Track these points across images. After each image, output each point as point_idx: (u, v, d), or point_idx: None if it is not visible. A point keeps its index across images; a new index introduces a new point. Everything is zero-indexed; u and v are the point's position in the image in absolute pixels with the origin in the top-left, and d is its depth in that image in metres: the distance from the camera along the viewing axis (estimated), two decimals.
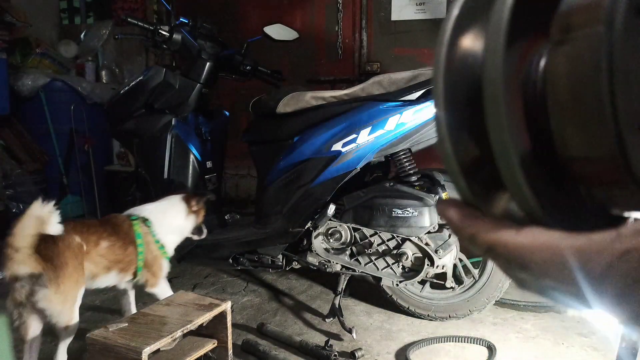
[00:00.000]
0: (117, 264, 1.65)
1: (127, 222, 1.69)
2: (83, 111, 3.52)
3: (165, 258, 1.77)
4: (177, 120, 2.18)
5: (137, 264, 1.70)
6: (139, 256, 1.69)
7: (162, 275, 1.78)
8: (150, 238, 1.72)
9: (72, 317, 1.50)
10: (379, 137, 1.83)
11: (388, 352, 1.83)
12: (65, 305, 1.46)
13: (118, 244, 1.64)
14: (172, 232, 1.80)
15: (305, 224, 1.98)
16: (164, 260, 1.77)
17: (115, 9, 4.12)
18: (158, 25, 2.17)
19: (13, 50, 3.55)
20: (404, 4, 3.29)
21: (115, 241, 1.63)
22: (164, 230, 1.76)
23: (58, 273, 1.41)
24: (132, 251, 1.67)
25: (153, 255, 1.73)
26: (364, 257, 1.95)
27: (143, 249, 1.69)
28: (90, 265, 1.57)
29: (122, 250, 1.64)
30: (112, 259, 1.63)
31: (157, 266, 1.74)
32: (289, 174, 1.98)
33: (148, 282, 1.75)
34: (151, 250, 1.72)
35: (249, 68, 2.36)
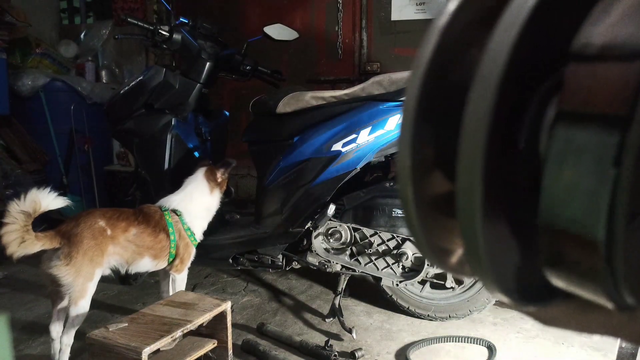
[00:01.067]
0: (149, 250, 1.73)
1: (159, 212, 1.78)
2: (83, 111, 3.52)
3: (194, 245, 1.84)
4: (177, 120, 2.18)
5: (169, 251, 1.78)
6: (171, 244, 1.77)
7: (189, 262, 1.85)
8: (181, 226, 1.80)
9: (83, 294, 1.58)
10: (379, 137, 1.83)
11: (388, 352, 1.83)
12: (77, 279, 1.55)
13: (148, 232, 1.72)
14: (201, 216, 1.88)
15: (305, 224, 1.98)
16: (193, 247, 1.84)
17: (115, 9, 4.12)
18: (158, 25, 2.17)
19: (13, 50, 3.56)
20: (404, 4, 3.29)
21: (145, 229, 1.72)
22: (193, 216, 1.84)
23: (72, 248, 1.55)
24: (164, 239, 1.75)
25: (184, 243, 1.81)
26: (364, 257, 1.95)
27: (174, 237, 1.77)
28: (118, 249, 1.66)
29: (153, 237, 1.73)
30: (142, 245, 1.71)
31: (187, 253, 1.82)
32: (289, 174, 1.98)
33: (175, 268, 1.82)
34: (182, 238, 1.80)
35: (249, 68, 2.36)
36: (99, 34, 3.92)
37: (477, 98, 0.21)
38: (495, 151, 0.21)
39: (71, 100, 3.51)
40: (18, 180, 3.27)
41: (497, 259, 0.22)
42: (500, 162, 0.22)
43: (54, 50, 3.84)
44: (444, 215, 0.23)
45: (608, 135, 0.19)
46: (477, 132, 0.21)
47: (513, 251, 0.23)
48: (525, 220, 0.22)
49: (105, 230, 1.63)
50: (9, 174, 3.24)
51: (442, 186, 0.24)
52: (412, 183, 0.23)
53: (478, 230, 0.21)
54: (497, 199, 0.22)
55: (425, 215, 0.24)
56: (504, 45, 0.20)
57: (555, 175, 0.20)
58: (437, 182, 0.24)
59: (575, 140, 0.20)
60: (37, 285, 2.45)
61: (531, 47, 0.21)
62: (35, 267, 2.70)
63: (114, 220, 1.67)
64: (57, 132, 3.57)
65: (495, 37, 0.21)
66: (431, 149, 0.24)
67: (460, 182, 0.21)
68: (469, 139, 0.21)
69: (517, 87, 0.22)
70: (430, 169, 0.24)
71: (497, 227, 0.22)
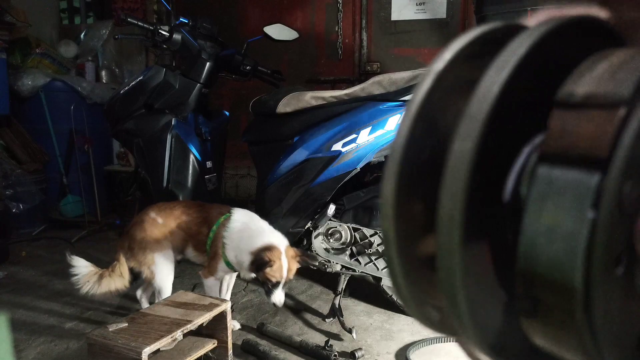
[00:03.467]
0: (191, 238, 1.80)
1: (218, 211, 1.80)
2: (83, 111, 3.52)
3: (223, 260, 1.74)
4: (177, 120, 2.18)
5: (206, 248, 1.79)
6: (208, 240, 1.78)
7: (215, 272, 1.78)
8: (222, 234, 1.74)
9: (152, 276, 1.78)
10: (379, 137, 1.83)
11: (388, 352, 1.83)
12: (142, 267, 1.78)
13: (195, 221, 1.79)
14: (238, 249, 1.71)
15: (305, 224, 1.98)
16: (222, 262, 1.75)
17: (115, 9, 4.13)
18: (158, 25, 2.17)
19: (13, 50, 3.56)
20: (404, 4, 3.29)
21: (195, 218, 1.80)
22: (234, 241, 1.72)
23: (130, 246, 1.80)
24: (205, 233, 1.78)
25: (215, 250, 1.77)
26: (364, 257, 1.95)
27: (212, 236, 1.76)
28: (170, 235, 1.78)
29: (197, 227, 1.79)
30: (188, 233, 1.79)
31: (215, 262, 1.77)
32: (289, 174, 1.98)
33: (204, 269, 1.82)
34: (216, 244, 1.76)
35: (249, 68, 2.36)
36: (99, 34, 3.92)
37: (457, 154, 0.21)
38: (477, 207, 0.21)
39: (71, 100, 3.51)
40: (18, 180, 3.27)
41: (480, 316, 0.22)
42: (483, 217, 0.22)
43: (54, 50, 3.84)
44: (430, 270, 0.23)
45: (588, 178, 0.19)
46: (456, 188, 0.21)
47: (497, 308, 0.23)
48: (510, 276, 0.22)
49: (156, 220, 1.79)
50: (9, 174, 3.24)
51: (426, 241, 0.24)
52: (396, 238, 0.23)
53: (458, 286, 0.21)
54: (480, 255, 0.22)
55: (410, 271, 0.23)
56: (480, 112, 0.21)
57: (535, 217, 0.20)
58: (422, 236, 0.24)
59: (556, 182, 0.20)
60: (37, 285, 2.45)
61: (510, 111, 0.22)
62: (35, 267, 2.70)
63: (168, 210, 1.81)
64: (57, 132, 3.56)
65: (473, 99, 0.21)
66: (416, 203, 0.24)
67: (440, 239, 0.21)
68: (448, 194, 0.21)
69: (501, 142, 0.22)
70: (416, 222, 0.24)
71: (480, 283, 0.22)
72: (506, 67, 0.21)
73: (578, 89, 0.21)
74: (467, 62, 0.24)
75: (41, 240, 3.23)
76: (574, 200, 0.19)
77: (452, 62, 0.24)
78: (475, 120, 0.21)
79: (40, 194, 3.41)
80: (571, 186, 0.20)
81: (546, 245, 0.20)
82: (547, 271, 0.20)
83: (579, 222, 0.19)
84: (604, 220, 0.19)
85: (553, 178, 0.20)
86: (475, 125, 0.21)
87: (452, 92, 0.24)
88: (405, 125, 0.23)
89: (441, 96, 0.24)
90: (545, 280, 0.20)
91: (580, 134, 0.20)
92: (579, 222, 0.19)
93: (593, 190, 0.19)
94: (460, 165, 0.21)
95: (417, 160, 0.23)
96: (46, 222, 3.50)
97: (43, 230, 3.42)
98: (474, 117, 0.21)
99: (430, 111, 0.23)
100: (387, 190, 0.23)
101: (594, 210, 0.19)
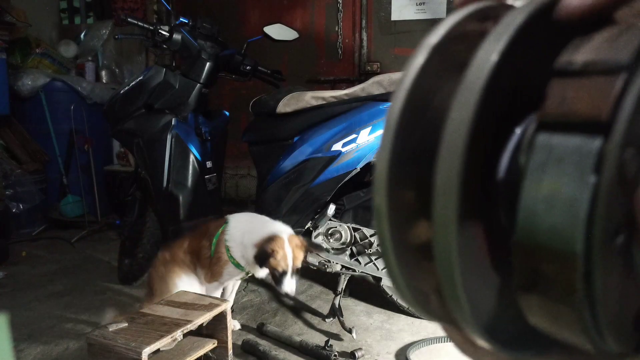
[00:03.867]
0: (195, 255, 1.80)
1: (216, 223, 1.80)
2: (83, 111, 3.52)
3: (232, 263, 1.72)
4: (177, 120, 2.18)
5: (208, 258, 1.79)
6: (210, 253, 1.78)
7: (220, 277, 1.76)
8: (224, 239, 1.74)
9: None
10: (379, 137, 1.83)
11: (388, 352, 1.83)
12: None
13: (196, 238, 1.82)
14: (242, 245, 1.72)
15: (305, 224, 1.98)
16: (229, 265, 1.73)
17: (115, 9, 4.13)
18: (158, 25, 2.17)
19: (13, 50, 3.56)
20: (404, 4, 3.29)
21: (196, 236, 1.83)
22: (237, 240, 1.72)
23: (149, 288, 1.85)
24: (206, 246, 1.78)
25: (218, 255, 1.75)
26: (364, 257, 1.95)
27: (214, 247, 1.76)
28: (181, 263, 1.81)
29: (198, 242, 1.80)
30: (192, 252, 1.81)
31: (219, 266, 1.75)
32: (289, 174, 1.98)
33: (207, 274, 1.80)
34: (219, 249, 1.74)
35: (249, 68, 2.36)
36: (99, 34, 3.92)
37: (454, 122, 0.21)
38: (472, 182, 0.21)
39: (71, 100, 3.51)
40: (18, 180, 3.27)
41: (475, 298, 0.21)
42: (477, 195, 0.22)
43: (54, 50, 3.84)
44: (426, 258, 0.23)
45: (589, 142, 0.19)
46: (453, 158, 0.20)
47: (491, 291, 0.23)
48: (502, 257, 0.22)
49: (164, 256, 1.82)
50: (9, 174, 3.24)
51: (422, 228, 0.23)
52: (390, 226, 0.23)
53: (454, 263, 0.21)
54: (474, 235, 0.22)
55: (406, 259, 0.23)
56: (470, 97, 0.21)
57: (534, 185, 0.20)
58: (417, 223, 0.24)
59: (555, 148, 0.20)
60: (37, 285, 2.46)
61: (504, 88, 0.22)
62: (35, 267, 2.70)
63: (176, 243, 1.83)
64: (57, 132, 3.57)
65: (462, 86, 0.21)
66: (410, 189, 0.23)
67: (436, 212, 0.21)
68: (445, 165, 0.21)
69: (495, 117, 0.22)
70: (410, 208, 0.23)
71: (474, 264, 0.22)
72: (504, 36, 0.21)
73: (577, 57, 0.21)
74: (462, 39, 0.24)
75: (41, 240, 3.24)
76: (574, 165, 0.19)
77: (446, 38, 0.23)
78: (472, 89, 0.21)
79: (40, 194, 3.41)
80: (572, 152, 0.19)
81: (546, 212, 0.19)
82: (547, 239, 0.19)
83: (580, 187, 0.19)
84: (605, 184, 0.18)
85: (553, 145, 0.20)
86: (473, 94, 0.20)
87: (446, 69, 0.24)
88: (398, 100, 0.23)
89: (435, 72, 0.23)
90: (545, 248, 0.19)
91: (581, 100, 0.20)
92: (580, 186, 0.19)
93: (594, 154, 0.19)
94: (458, 134, 0.20)
95: (410, 138, 0.23)
96: (46, 222, 3.50)
97: (43, 230, 3.43)
98: (471, 85, 0.21)
99: (423, 88, 0.23)
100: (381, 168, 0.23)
101: (595, 175, 0.19)
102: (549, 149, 0.20)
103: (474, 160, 0.21)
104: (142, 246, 2.34)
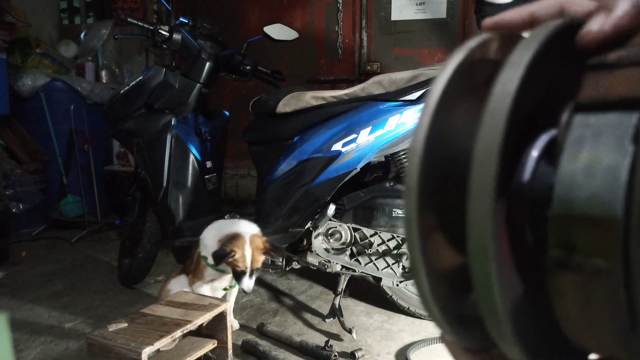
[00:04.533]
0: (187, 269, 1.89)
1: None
2: (83, 111, 3.52)
3: (209, 266, 1.77)
4: (177, 120, 2.18)
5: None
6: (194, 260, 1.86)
7: (202, 277, 1.81)
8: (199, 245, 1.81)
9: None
10: (379, 137, 1.83)
11: (388, 353, 1.83)
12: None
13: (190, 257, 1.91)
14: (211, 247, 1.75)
15: (305, 224, 1.98)
16: (207, 269, 1.78)
17: (115, 9, 4.13)
18: (158, 25, 2.17)
19: (13, 50, 3.56)
20: (404, 4, 3.29)
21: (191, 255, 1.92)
22: (207, 241, 1.77)
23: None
24: (192, 254, 1.88)
25: (198, 261, 1.81)
26: (364, 257, 1.94)
27: (197, 254, 1.82)
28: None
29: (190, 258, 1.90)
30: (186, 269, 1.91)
31: (199, 269, 1.81)
32: (289, 174, 1.97)
33: (190, 277, 1.85)
34: (198, 256, 1.81)
35: (249, 68, 2.36)
36: (99, 34, 3.92)
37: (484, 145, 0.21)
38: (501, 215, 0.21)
39: (71, 100, 3.51)
40: (18, 180, 3.27)
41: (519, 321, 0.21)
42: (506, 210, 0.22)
43: (54, 50, 3.84)
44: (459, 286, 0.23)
45: (627, 117, 0.20)
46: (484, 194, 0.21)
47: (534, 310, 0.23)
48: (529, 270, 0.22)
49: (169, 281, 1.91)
50: (9, 174, 3.24)
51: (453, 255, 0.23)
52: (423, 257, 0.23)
53: (495, 293, 0.20)
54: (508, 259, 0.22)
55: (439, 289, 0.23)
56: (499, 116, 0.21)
57: (573, 159, 0.20)
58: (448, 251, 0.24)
59: (594, 124, 0.20)
60: (37, 285, 2.46)
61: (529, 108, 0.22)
62: (35, 267, 2.70)
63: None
64: (57, 132, 3.57)
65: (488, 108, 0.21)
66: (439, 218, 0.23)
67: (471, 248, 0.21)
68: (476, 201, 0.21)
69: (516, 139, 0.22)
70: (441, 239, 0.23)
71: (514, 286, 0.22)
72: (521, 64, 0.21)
73: (609, 55, 0.22)
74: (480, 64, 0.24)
75: (41, 240, 3.24)
76: (613, 137, 0.20)
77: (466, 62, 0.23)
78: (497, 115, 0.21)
79: (40, 194, 3.41)
80: (610, 126, 0.20)
81: (586, 180, 0.20)
82: (587, 206, 0.19)
83: (620, 156, 0.19)
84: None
85: (590, 122, 0.21)
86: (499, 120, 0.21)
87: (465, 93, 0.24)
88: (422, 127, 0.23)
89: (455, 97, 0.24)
90: (584, 216, 0.20)
91: (617, 83, 0.21)
92: (619, 155, 0.19)
93: (633, 126, 0.19)
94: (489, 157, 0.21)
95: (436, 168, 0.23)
96: (46, 222, 3.50)
97: (43, 230, 3.43)
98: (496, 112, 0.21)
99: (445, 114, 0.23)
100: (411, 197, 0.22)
101: (634, 144, 0.19)
102: (586, 125, 0.21)
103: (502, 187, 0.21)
104: (142, 246, 2.34)
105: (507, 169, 0.21)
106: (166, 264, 2.71)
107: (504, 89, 0.21)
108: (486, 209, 0.20)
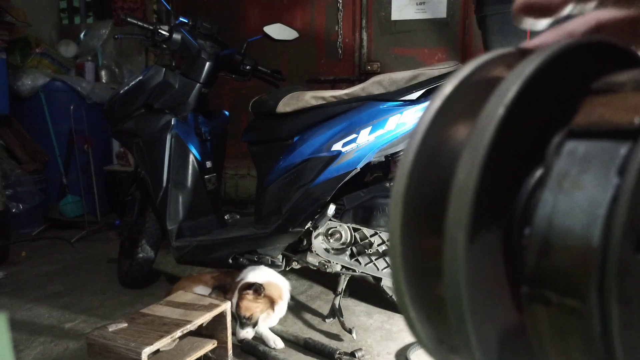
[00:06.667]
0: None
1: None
2: (83, 111, 3.52)
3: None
4: (177, 120, 2.18)
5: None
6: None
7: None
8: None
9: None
10: (379, 137, 1.83)
11: (388, 353, 1.83)
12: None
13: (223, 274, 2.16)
14: None
15: (305, 224, 1.97)
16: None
17: (115, 8, 4.12)
18: (158, 25, 2.17)
19: (13, 50, 3.55)
20: (404, 4, 3.29)
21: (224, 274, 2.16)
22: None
23: None
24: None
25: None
26: (364, 257, 1.94)
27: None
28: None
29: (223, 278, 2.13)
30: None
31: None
32: (289, 174, 1.97)
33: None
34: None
35: (249, 68, 2.36)
36: (99, 34, 3.91)
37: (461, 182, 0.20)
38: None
39: (71, 100, 3.50)
40: (18, 180, 3.27)
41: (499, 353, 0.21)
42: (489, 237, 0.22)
43: (53, 50, 3.84)
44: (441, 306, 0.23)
45: (616, 147, 0.19)
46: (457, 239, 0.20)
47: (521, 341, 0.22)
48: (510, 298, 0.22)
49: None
50: (9, 174, 3.24)
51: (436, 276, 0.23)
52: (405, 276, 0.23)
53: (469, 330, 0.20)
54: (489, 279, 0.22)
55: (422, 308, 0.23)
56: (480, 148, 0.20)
57: (557, 183, 0.20)
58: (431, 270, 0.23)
59: (582, 152, 0.20)
60: (37, 285, 2.45)
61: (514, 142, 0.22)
62: (35, 267, 2.70)
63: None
64: (57, 132, 3.56)
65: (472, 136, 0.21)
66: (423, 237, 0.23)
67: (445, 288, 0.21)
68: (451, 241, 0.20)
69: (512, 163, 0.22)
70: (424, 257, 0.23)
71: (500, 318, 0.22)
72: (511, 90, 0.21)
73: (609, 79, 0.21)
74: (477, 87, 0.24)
75: (41, 241, 3.23)
76: (599, 168, 0.19)
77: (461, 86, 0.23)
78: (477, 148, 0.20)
79: (40, 194, 3.41)
80: (598, 154, 0.20)
81: (568, 212, 0.19)
82: (566, 237, 0.19)
83: (602, 188, 0.19)
84: (628, 185, 0.18)
85: (579, 149, 0.20)
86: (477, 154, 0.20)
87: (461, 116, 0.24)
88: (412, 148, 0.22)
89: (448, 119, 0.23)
90: (562, 245, 0.19)
91: (612, 110, 0.20)
92: (602, 187, 0.19)
93: (620, 157, 0.19)
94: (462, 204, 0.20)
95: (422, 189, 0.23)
96: (46, 222, 3.50)
97: (43, 230, 3.42)
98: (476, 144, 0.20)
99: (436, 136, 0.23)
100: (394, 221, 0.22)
101: (619, 177, 0.19)
102: (575, 152, 0.20)
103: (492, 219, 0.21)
104: (142, 246, 2.34)
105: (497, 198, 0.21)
106: (166, 264, 2.71)
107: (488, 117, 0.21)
108: (458, 254, 0.20)
